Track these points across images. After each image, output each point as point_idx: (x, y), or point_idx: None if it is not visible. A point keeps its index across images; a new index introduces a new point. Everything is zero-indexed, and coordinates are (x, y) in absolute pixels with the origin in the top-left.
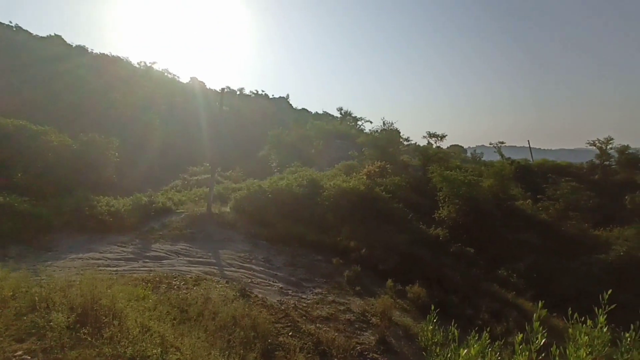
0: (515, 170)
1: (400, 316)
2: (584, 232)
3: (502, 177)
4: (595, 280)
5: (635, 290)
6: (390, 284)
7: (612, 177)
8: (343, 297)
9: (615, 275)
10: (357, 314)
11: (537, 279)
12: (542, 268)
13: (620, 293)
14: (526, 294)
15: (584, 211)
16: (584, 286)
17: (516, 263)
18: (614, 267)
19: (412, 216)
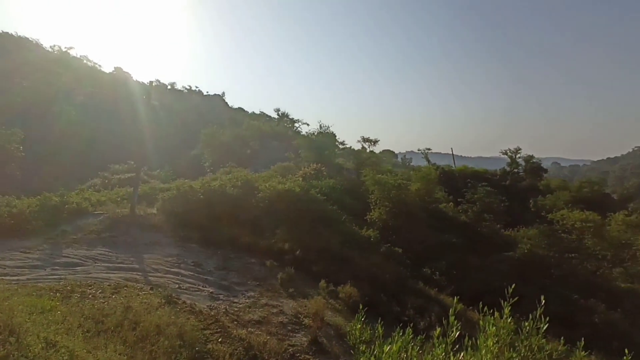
0: (440, 175)
1: (333, 316)
2: (496, 232)
3: (429, 182)
4: (504, 275)
5: (537, 283)
6: (323, 284)
7: (519, 183)
8: (276, 299)
9: (521, 270)
10: (290, 316)
11: (456, 276)
12: (461, 265)
13: (524, 286)
14: (447, 290)
15: (496, 213)
16: (494, 281)
17: (439, 261)
18: (519, 263)
19: (345, 218)
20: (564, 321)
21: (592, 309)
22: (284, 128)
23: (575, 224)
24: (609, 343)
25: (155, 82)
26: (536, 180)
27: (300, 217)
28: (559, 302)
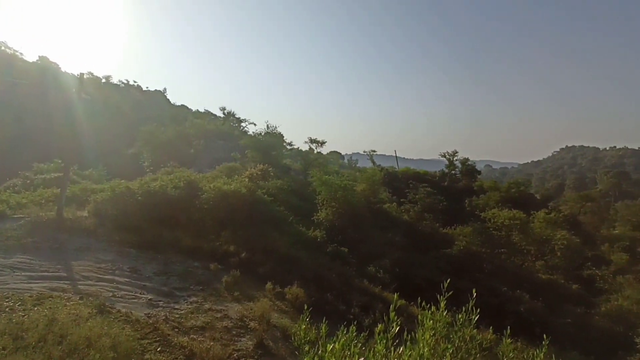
0: (384, 176)
1: (279, 318)
2: (436, 230)
3: (373, 183)
4: (443, 271)
5: (472, 277)
6: (270, 286)
7: (456, 184)
8: (221, 304)
9: (457, 266)
10: (235, 320)
11: (399, 273)
12: (404, 263)
13: (460, 280)
14: (390, 287)
15: (436, 212)
16: (434, 276)
17: (383, 260)
18: (456, 259)
19: (293, 219)
20: (495, 311)
21: (518, 299)
22: (230, 127)
23: (504, 222)
24: (532, 329)
25: (88, 75)
26: (471, 181)
27: (246, 219)
28: (490, 294)
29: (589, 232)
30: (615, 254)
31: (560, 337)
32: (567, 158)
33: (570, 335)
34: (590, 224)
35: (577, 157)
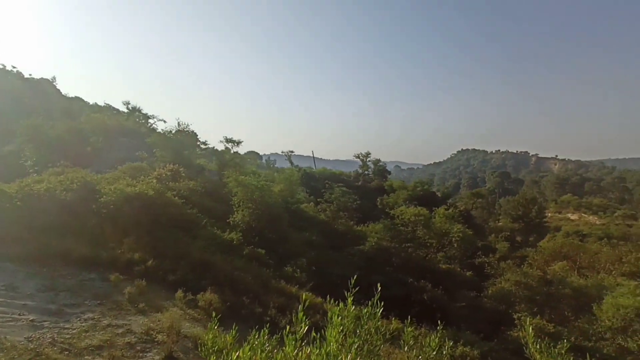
0: (302, 176)
1: (191, 327)
2: (350, 228)
3: (291, 183)
4: (357, 267)
5: (382, 271)
6: (180, 294)
7: (369, 184)
8: (123, 318)
9: (370, 261)
10: (139, 335)
11: (316, 271)
12: (320, 261)
13: (372, 275)
14: (307, 286)
15: (350, 211)
16: (349, 273)
17: (300, 259)
18: (368, 254)
19: (206, 221)
20: (403, 301)
21: (422, 288)
22: (135, 124)
23: (410, 218)
24: (434, 315)
25: None
26: (382, 181)
27: (154, 223)
28: (398, 286)
29: (479, 225)
30: (499, 243)
31: (456, 320)
32: (462, 160)
33: (465, 317)
34: (480, 218)
35: (470, 159)
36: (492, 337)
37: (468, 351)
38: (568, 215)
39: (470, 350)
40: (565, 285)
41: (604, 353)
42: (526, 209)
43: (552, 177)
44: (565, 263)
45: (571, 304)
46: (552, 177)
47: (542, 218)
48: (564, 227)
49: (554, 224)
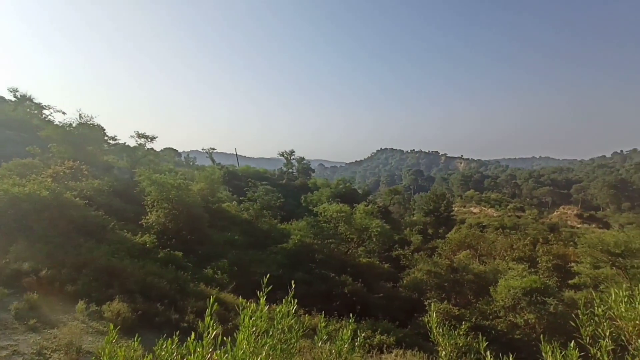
0: (224, 174)
1: (95, 341)
2: (274, 226)
3: (212, 181)
4: (280, 265)
5: (306, 268)
6: (82, 306)
7: (293, 182)
8: (8, 338)
9: (294, 258)
10: (30, 356)
11: (238, 272)
12: (243, 261)
13: (295, 272)
14: (229, 287)
15: (274, 209)
16: (272, 271)
17: (221, 260)
18: (292, 252)
19: (114, 224)
20: (325, 296)
21: (343, 282)
22: (25, 114)
23: (332, 215)
24: (354, 307)
25: None
26: (306, 178)
27: (49, 228)
28: (321, 281)
29: (396, 220)
30: (413, 236)
31: (375, 310)
32: (381, 158)
33: (383, 307)
34: (397, 213)
35: (388, 157)
36: (407, 324)
37: (385, 339)
38: (471, 209)
39: (387, 338)
40: (468, 272)
41: (498, 329)
42: (436, 204)
43: (458, 174)
44: (468, 252)
45: (473, 288)
46: (458, 175)
47: (450, 212)
48: (467, 220)
49: (460, 216)
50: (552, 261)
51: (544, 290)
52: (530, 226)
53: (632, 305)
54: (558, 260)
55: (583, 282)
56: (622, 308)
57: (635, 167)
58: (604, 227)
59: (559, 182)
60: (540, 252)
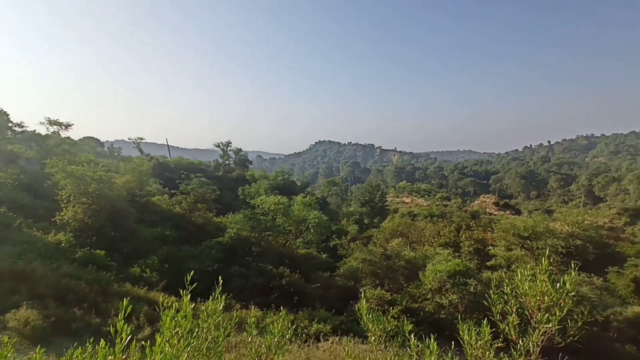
0: (154, 166)
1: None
2: (209, 220)
3: (140, 174)
4: (216, 259)
5: (242, 262)
6: None
7: (230, 174)
8: None
9: (230, 252)
10: None
11: (170, 269)
12: (175, 257)
13: (232, 266)
14: (159, 286)
15: (209, 202)
16: (207, 266)
17: (150, 257)
18: (228, 246)
19: (21, 222)
20: (263, 289)
21: (281, 274)
22: None
23: (270, 207)
24: (292, 298)
25: None
26: (244, 170)
27: None
28: (259, 274)
29: (334, 210)
30: (350, 225)
31: (312, 300)
32: (320, 150)
33: (320, 297)
34: (335, 204)
35: (326, 150)
36: (343, 312)
37: (322, 327)
38: (404, 199)
39: (324, 326)
40: (400, 258)
41: (426, 311)
42: (372, 195)
43: (392, 166)
44: (400, 239)
45: (405, 274)
46: (392, 167)
47: (384, 202)
48: (400, 209)
49: (393, 206)
50: (473, 245)
51: (465, 273)
52: (455, 214)
53: (534, 283)
54: (478, 244)
55: (498, 263)
56: (526, 286)
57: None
58: (516, 214)
59: (480, 174)
60: (463, 238)
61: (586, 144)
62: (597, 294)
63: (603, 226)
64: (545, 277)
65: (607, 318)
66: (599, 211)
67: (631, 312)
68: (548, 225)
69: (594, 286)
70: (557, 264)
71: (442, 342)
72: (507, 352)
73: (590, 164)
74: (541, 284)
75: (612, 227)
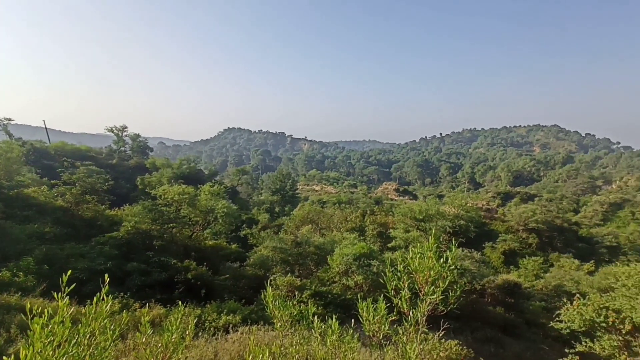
0: (28, 153)
1: None
2: (101, 213)
3: (8, 161)
4: (110, 256)
5: (142, 257)
6: None
7: (127, 162)
8: None
9: (127, 248)
10: None
11: (51, 271)
12: (56, 257)
13: (129, 262)
14: (36, 291)
15: (101, 194)
16: (99, 265)
17: (24, 258)
18: (125, 241)
19: None
20: (166, 285)
21: (187, 268)
22: None
23: (174, 197)
24: (199, 292)
25: None
26: (143, 158)
27: None
28: (161, 269)
29: (244, 199)
30: (261, 214)
31: (221, 292)
32: (229, 138)
33: (229, 288)
34: (246, 193)
35: (236, 137)
36: (253, 301)
37: (231, 319)
38: (314, 187)
39: (233, 317)
40: (310, 245)
41: (334, 293)
42: (283, 183)
43: (302, 155)
44: (310, 226)
45: (314, 259)
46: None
47: (295, 190)
48: (310, 197)
49: (304, 194)
50: (376, 229)
51: (369, 255)
52: (361, 200)
53: (422, 260)
54: (381, 228)
55: (398, 244)
56: (416, 263)
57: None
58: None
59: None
60: (368, 222)
61: (470, 136)
62: (477, 266)
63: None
64: (431, 254)
65: (483, 286)
66: (478, 195)
67: (501, 279)
68: (439, 208)
69: (474, 260)
70: (445, 242)
71: (348, 321)
72: (400, 323)
73: (473, 154)
74: (428, 260)
75: (488, 208)
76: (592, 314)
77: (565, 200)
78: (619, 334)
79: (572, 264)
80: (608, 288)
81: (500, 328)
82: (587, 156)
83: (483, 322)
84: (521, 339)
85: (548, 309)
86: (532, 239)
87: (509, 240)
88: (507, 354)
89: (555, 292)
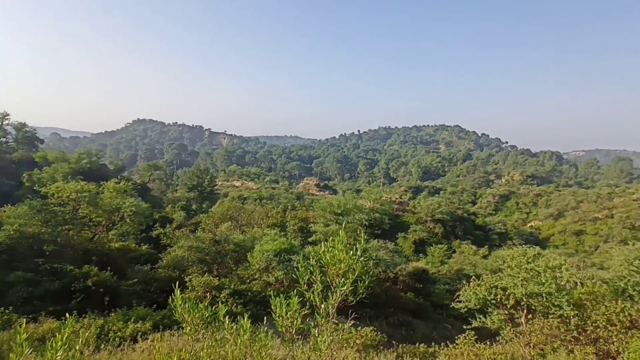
0: None
1: None
2: None
3: None
4: None
5: (29, 265)
6: None
7: (9, 155)
8: None
9: (8, 255)
10: None
11: None
12: None
13: (11, 272)
14: None
15: None
16: None
17: None
18: (6, 247)
19: None
20: (60, 295)
21: (86, 274)
22: None
23: (71, 196)
24: (102, 300)
25: None
26: (31, 151)
27: None
28: (53, 278)
29: (157, 197)
30: (176, 212)
31: (128, 298)
32: (139, 130)
33: (138, 293)
34: (158, 189)
35: (147, 129)
36: (166, 305)
37: (140, 326)
38: (234, 183)
39: (142, 325)
40: (230, 242)
41: (254, 290)
42: (200, 179)
43: (222, 150)
44: (230, 223)
45: (234, 257)
46: (222, 150)
47: (214, 186)
48: (230, 193)
49: (223, 190)
50: (297, 224)
51: (290, 250)
52: (283, 196)
53: (333, 253)
54: (302, 222)
55: (318, 238)
56: (328, 257)
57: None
58: (333, 193)
59: (304, 158)
60: (289, 218)
61: (385, 134)
62: (390, 256)
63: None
64: (341, 246)
65: (396, 274)
66: (392, 189)
67: (411, 266)
68: (356, 202)
69: (388, 250)
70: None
71: (269, 318)
72: (312, 317)
73: (387, 151)
74: (339, 253)
75: (401, 201)
76: (484, 292)
77: (465, 193)
78: (505, 308)
79: (471, 249)
80: (497, 269)
81: (411, 312)
82: (482, 154)
83: (396, 308)
84: (428, 320)
85: (451, 291)
86: (438, 229)
87: (419, 230)
88: (416, 335)
89: (457, 275)
